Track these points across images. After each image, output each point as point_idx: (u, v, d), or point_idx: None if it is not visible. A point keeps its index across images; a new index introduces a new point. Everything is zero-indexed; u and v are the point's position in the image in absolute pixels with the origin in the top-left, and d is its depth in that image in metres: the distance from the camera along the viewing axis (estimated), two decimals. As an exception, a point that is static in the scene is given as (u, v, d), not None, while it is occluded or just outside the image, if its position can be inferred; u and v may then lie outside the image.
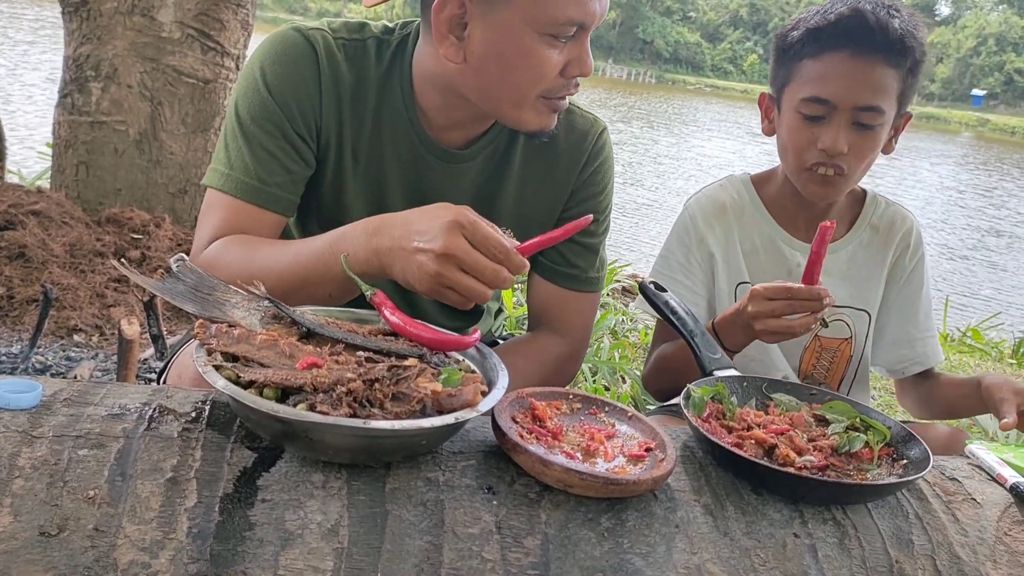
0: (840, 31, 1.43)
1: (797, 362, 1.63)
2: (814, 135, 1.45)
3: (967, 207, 14.34)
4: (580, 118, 1.42)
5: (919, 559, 0.93)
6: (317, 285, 1.15)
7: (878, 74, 1.43)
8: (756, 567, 0.87)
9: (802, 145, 1.47)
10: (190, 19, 3.52)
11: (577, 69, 1.21)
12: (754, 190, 1.64)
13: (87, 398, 0.90)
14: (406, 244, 1.03)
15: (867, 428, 1.10)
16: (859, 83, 1.43)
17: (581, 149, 1.41)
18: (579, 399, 1.06)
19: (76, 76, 3.55)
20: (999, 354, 4.69)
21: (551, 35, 1.17)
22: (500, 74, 1.20)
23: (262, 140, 1.26)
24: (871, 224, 1.63)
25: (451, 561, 0.80)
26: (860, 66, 1.43)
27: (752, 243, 1.61)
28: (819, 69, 1.45)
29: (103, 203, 3.54)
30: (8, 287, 2.95)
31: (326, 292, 1.15)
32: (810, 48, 1.46)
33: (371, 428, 0.81)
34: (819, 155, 1.45)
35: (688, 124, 22.76)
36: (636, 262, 5.05)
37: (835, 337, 1.62)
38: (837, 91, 1.42)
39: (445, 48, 1.21)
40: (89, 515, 0.77)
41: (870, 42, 1.42)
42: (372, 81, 1.32)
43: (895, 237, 1.63)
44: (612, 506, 0.89)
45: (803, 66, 1.47)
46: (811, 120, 1.45)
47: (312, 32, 1.30)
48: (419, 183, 1.36)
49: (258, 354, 0.91)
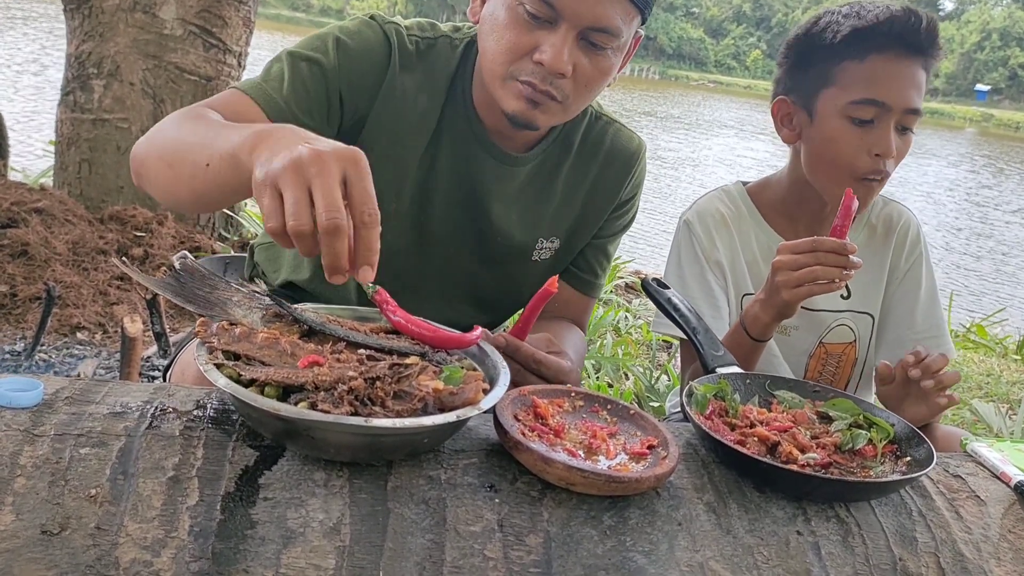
0: (889, 33, 1.41)
1: (803, 370, 1.61)
2: (864, 140, 1.42)
3: (971, 201, 14.31)
4: (627, 137, 1.49)
5: (923, 556, 0.93)
6: (199, 155, 1.02)
7: (920, 75, 1.42)
8: (759, 565, 0.87)
9: (851, 152, 1.43)
10: (192, 16, 3.52)
11: (539, 54, 1.20)
12: (750, 200, 1.61)
13: (89, 396, 0.90)
14: (295, 136, 0.90)
15: (870, 425, 1.10)
16: (907, 84, 1.41)
17: (628, 166, 1.48)
18: (581, 396, 1.06)
19: (78, 74, 3.55)
20: (1004, 350, 4.68)
21: (524, 7, 1.19)
22: (486, 37, 1.25)
23: (305, 76, 1.25)
24: (869, 224, 1.62)
25: (453, 559, 0.80)
26: (907, 67, 1.41)
27: (752, 253, 1.59)
28: (867, 71, 1.42)
29: (106, 201, 3.54)
30: (11, 285, 2.95)
31: (203, 165, 1.01)
32: (853, 49, 1.42)
33: (373, 426, 0.81)
34: (872, 161, 1.42)
35: (689, 121, 22.73)
36: (638, 258, 5.05)
37: (839, 342, 1.61)
38: (889, 92, 1.40)
39: (471, 8, 1.29)
40: (91, 514, 0.77)
41: (916, 44, 1.41)
42: (442, 79, 1.34)
43: (893, 236, 1.61)
44: (614, 504, 0.89)
45: (844, 68, 1.43)
46: (860, 124, 1.42)
47: (389, 26, 1.32)
48: (470, 180, 1.37)
49: (259, 352, 0.91)
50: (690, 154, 14.82)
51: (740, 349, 1.40)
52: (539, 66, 1.20)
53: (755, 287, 1.57)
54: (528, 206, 1.42)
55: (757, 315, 1.39)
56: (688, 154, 14.78)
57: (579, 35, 1.20)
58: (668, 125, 19.75)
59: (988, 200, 15.01)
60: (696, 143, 17.01)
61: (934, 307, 1.63)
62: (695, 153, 15.22)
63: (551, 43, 1.18)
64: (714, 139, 18.41)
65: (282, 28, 31.71)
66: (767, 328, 1.40)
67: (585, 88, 1.25)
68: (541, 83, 1.21)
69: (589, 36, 1.21)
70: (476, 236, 1.41)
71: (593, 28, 1.20)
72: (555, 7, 1.17)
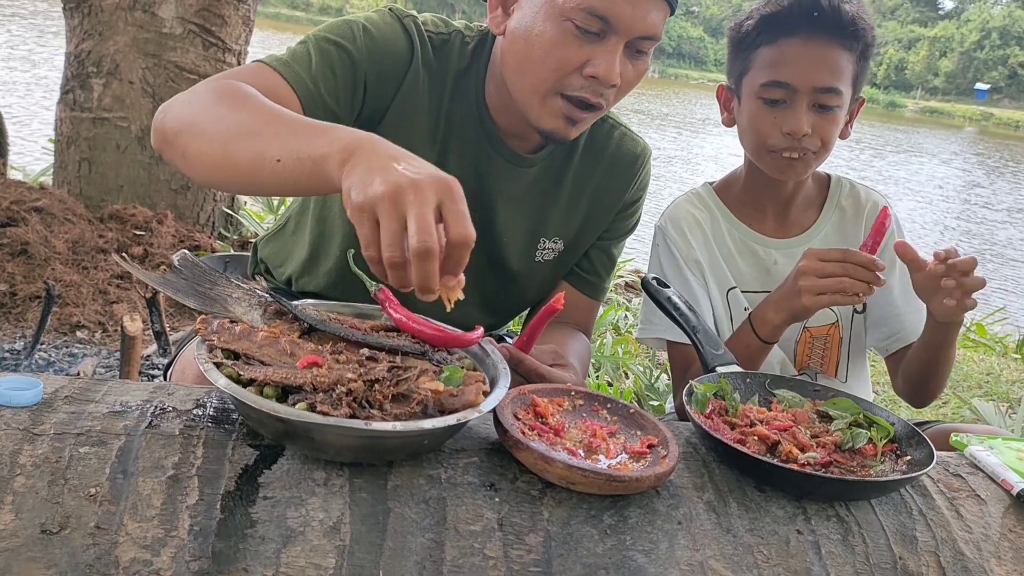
0: (794, 16, 1.45)
1: (792, 355, 1.63)
2: (776, 120, 1.46)
3: (969, 202, 14.30)
4: (632, 141, 1.50)
5: (923, 556, 0.93)
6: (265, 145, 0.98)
7: (834, 56, 1.45)
8: (759, 564, 0.87)
9: (765, 130, 1.48)
10: (191, 15, 3.51)
11: (592, 68, 1.20)
12: (718, 198, 1.64)
13: (88, 395, 0.90)
14: (392, 157, 0.88)
15: (870, 424, 1.10)
16: (816, 65, 1.44)
17: (633, 171, 1.49)
18: (581, 395, 1.06)
19: (78, 72, 3.55)
20: (1003, 349, 4.68)
21: (573, 23, 1.18)
22: (525, 53, 1.23)
23: (334, 60, 1.23)
24: (839, 206, 1.64)
25: (453, 558, 0.80)
26: (816, 48, 1.44)
27: (728, 249, 1.61)
28: (775, 54, 1.46)
29: (105, 200, 3.54)
30: (11, 284, 2.95)
31: (274, 159, 0.96)
32: (765, 35, 1.48)
33: (373, 429, 0.81)
34: (784, 139, 1.46)
35: (689, 119, 22.72)
36: (638, 257, 5.04)
37: (822, 324, 1.62)
38: (795, 74, 1.44)
39: (492, 16, 1.27)
40: (90, 513, 0.77)
41: (824, 25, 1.44)
42: (450, 75, 1.33)
43: (862, 216, 1.63)
44: (614, 503, 0.89)
45: (759, 54, 1.49)
46: (772, 105, 1.47)
47: (408, 20, 1.32)
48: (478, 179, 1.37)
49: (259, 351, 0.91)
50: (678, 153, 14.80)
51: (747, 350, 1.42)
52: (590, 80, 1.21)
53: (736, 281, 1.60)
54: (534, 207, 1.42)
55: (768, 317, 1.41)
56: (675, 152, 14.76)
57: (627, 44, 1.21)
58: (658, 124, 19.73)
59: (988, 198, 15.01)
60: (688, 142, 17.00)
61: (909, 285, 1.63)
62: (685, 152, 15.20)
63: (603, 56, 1.19)
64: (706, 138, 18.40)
65: (281, 27, 31.67)
66: (776, 330, 1.42)
67: (623, 92, 1.27)
68: (592, 96, 1.22)
69: (636, 44, 1.23)
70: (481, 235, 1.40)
71: (641, 37, 1.21)
72: (609, 21, 1.18)
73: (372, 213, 0.84)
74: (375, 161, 0.87)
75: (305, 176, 0.94)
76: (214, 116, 1.04)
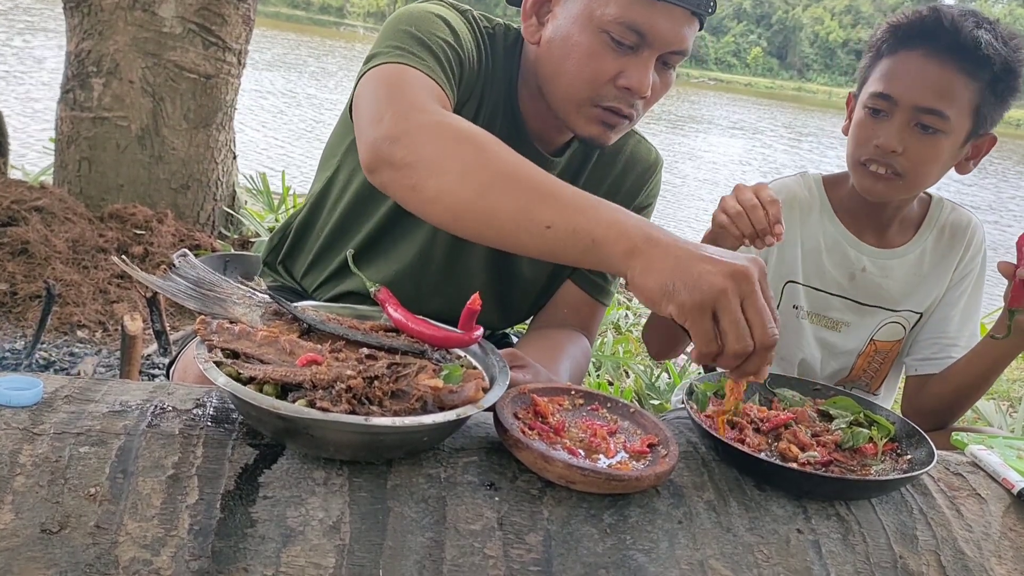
0: (916, 29, 1.42)
1: (850, 367, 1.62)
2: (874, 131, 1.44)
3: (973, 198, 14.30)
4: (646, 148, 1.50)
5: (923, 555, 0.93)
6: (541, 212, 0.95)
7: (947, 78, 1.39)
8: (759, 563, 0.86)
9: (860, 139, 1.46)
10: (191, 14, 3.51)
11: (626, 80, 1.21)
12: (824, 191, 1.61)
13: (88, 395, 0.90)
14: (690, 249, 0.89)
15: (871, 423, 1.10)
16: (923, 83, 1.40)
17: (645, 178, 1.50)
18: (581, 395, 1.06)
19: (78, 72, 3.55)
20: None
21: (609, 35, 1.19)
22: (560, 62, 1.23)
23: (441, 54, 1.18)
24: (937, 227, 1.60)
25: (453, 557, 0.80)
26: (930, 67, 1.40)
27: (816, 242, 1.58)
28: (892, 65, 1.44)
29: (105, 199, 3.54)
30: (11, 283, 2.95)
31: (543, 223, 0.95)
32: (889, 46, 1.46)
33: (372, 425, 0.80)
34: (874, 151, 1.43)
35: (691, 119, 22.72)
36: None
37: (889, 340, 1.61)
38: (900, 88, 1.41)
39: (527, 26, 1.28)
40: (90, 512, 0.77)
41: (943, 44, 1.39)
42: (484, 71, 1.33)
43: (960, 241, 1.60)
44: (614, 502, 0.89)
45: (881, 63, 1.47)
46: (874, 115, 1.44)
47: (467, 14, 1.32)
48: None
49: (258, 351, 0.91)
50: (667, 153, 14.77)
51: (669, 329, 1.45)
52: (623, 91, 1.22)
53: (807, 278, 1.58)
54: None
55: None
56: (686, 148, 14.76)
57: (658, 57, 1.22)
58: (672, 122, 19.72)
59: (991, 197, 14.99)
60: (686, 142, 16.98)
61: (968, 321, 1.61)
62: (687, 145, 15.19)
63: (637, 68, 1.20)
64: (712, 137, 18.38)
65: (281, 26, 31.64)
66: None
67: (650, 104, 1.28)
68: (626, 107, 1.24)
69: (666, 58, 1.24)
70: None
71: (673, 52, 1.23)
72: (645, 35, 1.18)
73: (710, 311, 0.86)
74: (667, 258, 0.88)
75: (578, 251, 0.93)
76: (460, 158, 0.99)
